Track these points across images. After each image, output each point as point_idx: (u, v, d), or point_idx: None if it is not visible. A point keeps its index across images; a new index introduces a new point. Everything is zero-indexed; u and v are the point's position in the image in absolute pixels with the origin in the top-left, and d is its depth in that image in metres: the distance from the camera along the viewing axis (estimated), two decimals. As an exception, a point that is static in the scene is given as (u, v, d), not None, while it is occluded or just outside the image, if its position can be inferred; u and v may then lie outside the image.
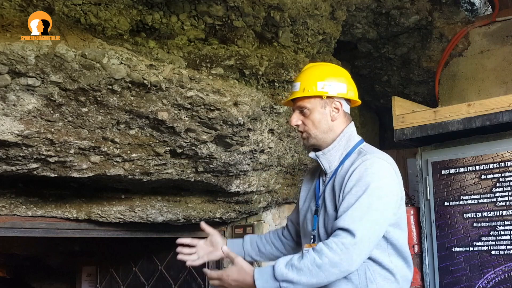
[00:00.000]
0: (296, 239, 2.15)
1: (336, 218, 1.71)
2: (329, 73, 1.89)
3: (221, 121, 2.62)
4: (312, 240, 1.82)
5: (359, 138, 1.90)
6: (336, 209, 1.75)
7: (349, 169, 1.76)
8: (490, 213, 2.94)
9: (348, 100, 1.91)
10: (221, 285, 1.75)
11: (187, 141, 2.65)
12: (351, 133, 1.88)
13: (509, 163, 2.91)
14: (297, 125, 1.87)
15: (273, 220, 3.87)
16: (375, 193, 1.68)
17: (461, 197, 3.05)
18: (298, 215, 2.03)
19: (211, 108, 2.55)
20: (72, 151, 2.39)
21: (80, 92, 2.20)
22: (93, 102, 2.27)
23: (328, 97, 1.84)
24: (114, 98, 2.29)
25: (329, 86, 1.84)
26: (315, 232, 1.82)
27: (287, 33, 2.97)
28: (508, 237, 2.86)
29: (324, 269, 1.60)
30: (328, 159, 1.85)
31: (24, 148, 2.26)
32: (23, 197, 2.87)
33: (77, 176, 2.56)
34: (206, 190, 3.32)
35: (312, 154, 1.90)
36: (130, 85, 2.28)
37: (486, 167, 2.99)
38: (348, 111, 1.92)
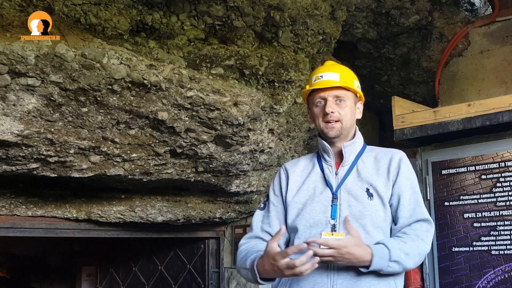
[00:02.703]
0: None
1: (382, 204, 1.89)
2: (356, 78, 2.05)
3: (221, 121, 2.62)
4: (332, 229, 1.86)
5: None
6: (369, 196, 1.89)
7: (385, 163, 1.95)
8: (490, 213, 2.94)
9: None
10: (332, 255, 1.70)
11: (187, 141, 2.65)
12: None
13: (509, 163, 2.91)
14: (333, 112, 1.92)
15: (273, 220, 3.86)
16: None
17: (461, 197, 3.05)
18: (281, 211, 1.98)
19: (211, 108, 2.55)
20: (72, 151, 2.39)
21: (80, 92, 2.20)
22: (93, 102, 2.27)
23: (359, 97, 2.01)
24: (114, 98, 2.29)
25: (359, 88, 2.01)
26: (335, 221, 1.87)
27: (287, 33, 2.96)
28: (508, 237, 2.86)
29: (421, 257, 1.86)
30: (350, 151, 1.98)
31: (24, 148, 2.26)
32: (23, 197, 2.87)
33: (77, 176, 2.56)
34: (206, 190, 3.32)
35: (322, 143, 1.97)
36: (130, 85, 2.28)
37: (486, 167, 2.98)
38: None
